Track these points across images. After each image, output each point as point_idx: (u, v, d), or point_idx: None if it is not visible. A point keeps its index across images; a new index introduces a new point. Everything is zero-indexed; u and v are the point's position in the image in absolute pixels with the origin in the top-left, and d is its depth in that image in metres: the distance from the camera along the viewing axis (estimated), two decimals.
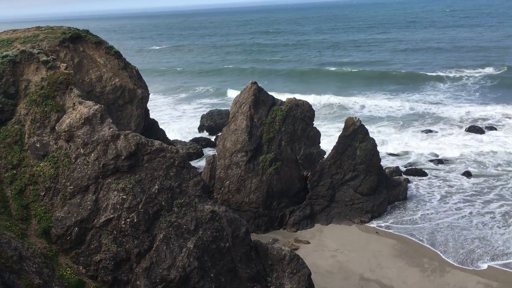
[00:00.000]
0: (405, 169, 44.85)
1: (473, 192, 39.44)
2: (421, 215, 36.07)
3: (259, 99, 36.23)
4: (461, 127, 57.24)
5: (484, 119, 59.51)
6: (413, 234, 33.18)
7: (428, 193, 39.96)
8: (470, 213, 35.87)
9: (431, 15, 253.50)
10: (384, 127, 59.11)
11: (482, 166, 44.90)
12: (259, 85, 37.01)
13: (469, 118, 60.48)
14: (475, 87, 76.55)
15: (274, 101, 36.90)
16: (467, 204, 37.41)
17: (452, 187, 40.84)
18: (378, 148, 37.57)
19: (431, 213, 36.18)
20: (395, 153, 49.90)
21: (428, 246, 31.54)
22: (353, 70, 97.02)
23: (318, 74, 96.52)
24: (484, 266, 29.03)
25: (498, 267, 28.85)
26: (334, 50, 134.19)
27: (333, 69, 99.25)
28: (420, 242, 32.02)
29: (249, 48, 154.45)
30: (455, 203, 37.63)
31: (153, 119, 32.69)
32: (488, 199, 38.05)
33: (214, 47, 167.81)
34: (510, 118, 59.54)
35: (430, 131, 56.35)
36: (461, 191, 39.90)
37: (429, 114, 63.64)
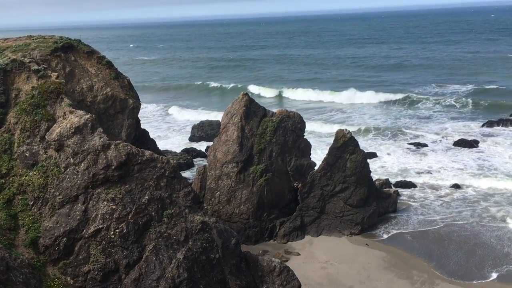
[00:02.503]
0: (394, 181, 45.07)
1: (462, 204, 39.71)
2: (411, 227, 36.23)
3: (250, 110, 36.35)
4: (449, 140, 57.78)
5: (469, 133, 60.24)
6: (403, 246, 33.30)
7: (417, 205, 40.17)
8: (460, 224, 36.08)
9: (418, 31, 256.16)
10: (373, 140, 59.52)
11: (470, 178, 45.22)
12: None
13: (455, 132, 61.22)
14: (460, 103, 77.13)
15: (265, 112, 37.04)
16: (457, 216, 37.63)
17: (441, 199, 41.09)
18: (368, 160, 37.79)
19: (420, 225, 36.35)
20: (385, 165, 50.19)
21: (418, 258, 31.65)
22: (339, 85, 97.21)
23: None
24: (473, 279, 29.14)
25: (488, 280, 28.97)
26: (313, 66, 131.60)
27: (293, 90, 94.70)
28: (410, 254, 32.12)
29: (220, 63, 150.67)
30: (444, 215, 37.84)
31: (144, 129, 32.63)
32: (477, 210, 38.34)
33: (180, 60, 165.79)
34: (494, 132, 60.38)
35: (419, 144, 56.81)
36: (450, 203, 40.15)
37: (416, 128, 64.36)
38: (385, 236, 35.03)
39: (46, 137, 21.78)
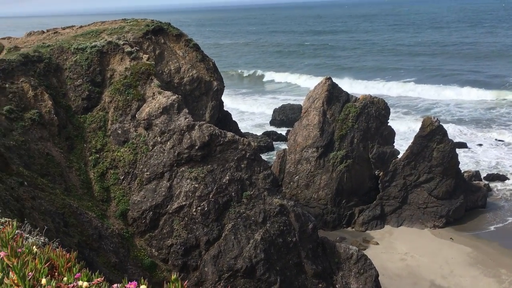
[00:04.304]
0: (485, 174, 42.25)
1: None
2: (501, 223, 33.87)
3: (333, 95, 35.74)
4: None
5: None
6: (491, 243, 31.26)
7: (510, 200, 37.41)
8: None
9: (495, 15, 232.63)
10: (463, 130, 56.09)
11: None
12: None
13: None
14: None
15: (348, 97, 36.24)
16: None
17: None
18: (457, 151, 35.74)
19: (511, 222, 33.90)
20: (475, 157, 47.19)
21: (508, 256, 29.58)
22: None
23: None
24: None
25: None
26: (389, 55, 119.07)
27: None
28: (498, 252, 30.10)
29: (285, 48, 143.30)
30: None
31: (227, 111, 33.32)
32: None
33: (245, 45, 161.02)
34: None
35: None
36: None
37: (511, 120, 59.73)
38: (472, 231, 33.09)
39: (136, 116, 23.02)
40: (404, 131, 53.14)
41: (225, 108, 33.21)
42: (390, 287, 26.50)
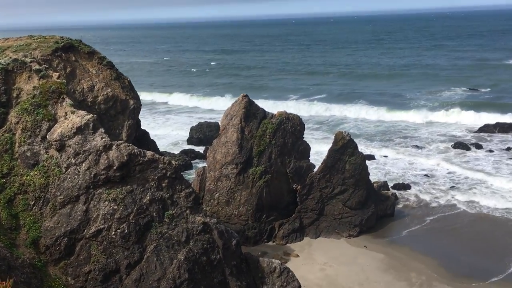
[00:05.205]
0: (392, 183, 45.20)
1: (461, 206, 39.89)
2: (409, 228, 36.37)
3: (250, 112, 36.41)
4: (445, 143, 58.10)
5: (466, 137, 60.73)
6: (400, 248, 33.38)
7: (415, 207, 40.33)
8: (459, 226, 36.25)
9: (419, 35, 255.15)
10: (369, 143, 59.74)
11: (468, 181, 45.47)
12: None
13: (454, 135, 61.71)
14: (457, 106, 77.22)
15: (265, 114, 37.10)
16: (455, 218, 37.81)
17: (439, 201, 41.24)
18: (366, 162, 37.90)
19: (418, 228, 36.50)
20: (383, 168, 50.35)
21: (416, 260, 31.74)
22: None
23: None
24: (472, 281, 29.29)
25: (486, 282, 29.10)
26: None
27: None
28: (408, 256, 32.21)
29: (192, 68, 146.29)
30: (442, 217, 38.01)
31: (145, 130, 32.57)
32: (474, 213, 38.51)
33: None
34: (493, 135, 60.79)
35: (417, 146, 57.09)
36: (449, 205, 40.32)
37: (413, 130, 64.80)
38: (383, 238, 35.13)
39: (47, 137, 21.76)
40: (317, 146, 55.32)
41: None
42: None
